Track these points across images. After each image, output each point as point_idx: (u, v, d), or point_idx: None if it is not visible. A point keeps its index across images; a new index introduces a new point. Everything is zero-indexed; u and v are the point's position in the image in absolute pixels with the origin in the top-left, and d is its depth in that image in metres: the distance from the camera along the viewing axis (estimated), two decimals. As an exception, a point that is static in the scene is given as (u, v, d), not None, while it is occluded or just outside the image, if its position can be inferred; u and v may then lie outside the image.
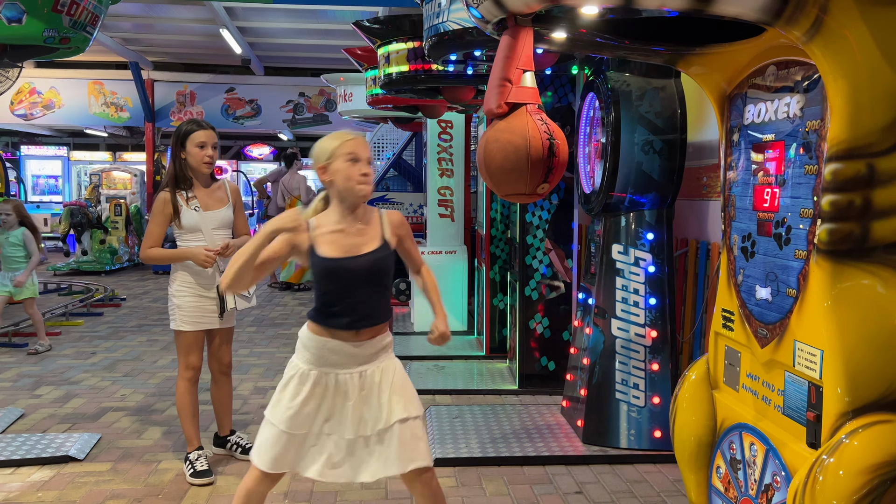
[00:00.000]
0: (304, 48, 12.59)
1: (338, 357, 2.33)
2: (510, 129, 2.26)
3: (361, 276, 2.34)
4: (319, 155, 2.35)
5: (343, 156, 2.31)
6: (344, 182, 2.31)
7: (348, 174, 2.31)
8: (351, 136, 2.35)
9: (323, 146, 2.35)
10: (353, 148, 2.32)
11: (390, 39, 4.70)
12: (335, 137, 2.36)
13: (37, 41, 3.80)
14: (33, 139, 19.34)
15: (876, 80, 1.70)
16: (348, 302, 2.33)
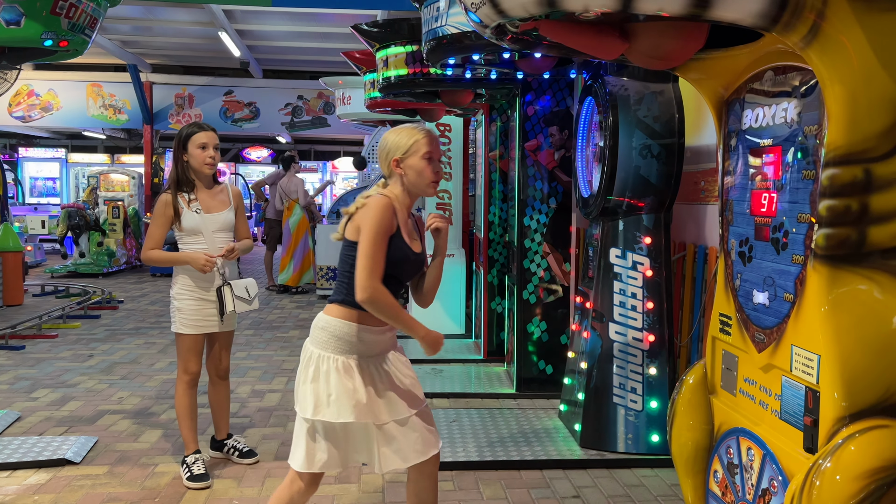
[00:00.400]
0: (303, 51, 12.61)
1: (366, 346, 2.35)
2: (647, 32, 2.08)
3: (413, 273, 2.42)
4: (395, 147, 2.34)
5: (421, 153, 2.32)
6: (417, 179, 2.33)
7: (424, 173, 2.33)
8: (425, 132, 2.36)
9: (400, 139, 2.34)
10: (431, 146, 2.34)
11: (389, 43, 4.70)
12: (412, 133, 2.35)
13: (35, 44, 3.81)
14: (31, 141, 19.33)
15: (873, 86, 1.70)
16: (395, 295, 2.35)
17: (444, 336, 2.36)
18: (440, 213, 2.40)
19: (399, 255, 2.31)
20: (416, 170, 2.33)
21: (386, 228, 2.26)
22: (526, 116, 4.75)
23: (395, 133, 2.37)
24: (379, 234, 2.24)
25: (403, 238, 2.33)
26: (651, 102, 3.63)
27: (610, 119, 3.61)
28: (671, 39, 2.03)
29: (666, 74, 3.62)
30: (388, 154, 2.36)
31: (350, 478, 3.50)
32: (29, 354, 6.01)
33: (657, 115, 3.63)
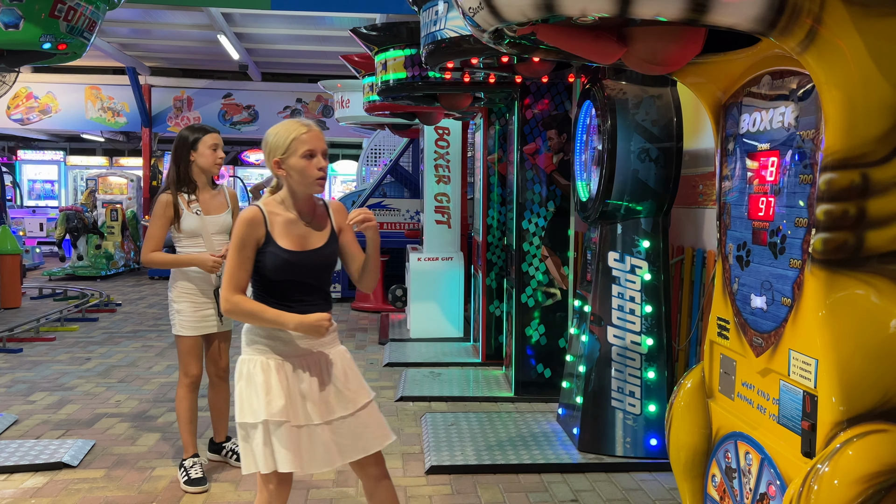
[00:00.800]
0: (302, 54, 12.62)
1: (289, 347, 2.30)
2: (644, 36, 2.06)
3: (313, 270, 2.34)
4: (274, 148, 2.28)
5: (300, 151, 2.25)
6: (301, 179, 2.27)
7: (306, 172, 2.26)
8: (306, 128, 2.28)
9: (277, 139, 2.27)
10: (310, 143, 2.25)
11: (388, 46, 4.71)
12: (289, 129, 2.27)
13: (34, 46, 3.81)
14: (30, 144, 19.31)
15: (870, 91, 1.71)
16: (301, 293, 2.32)
17: (328, 316, 2.26)
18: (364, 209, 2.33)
19: (275, 261, 2.27)
20: (298, 170, 2.26)
21: (243, 243, 2.25)
22: (524, 120, 4.76)
23: (273, 131, 2.30)
24: (236, 249, 2.26)
25: (277, 243, 2.27)
26: (649, 106, 3.64)
27: (608, 123, 3.62)
28: (669, 44, 2.03)
29: (664, 78, 3.63)
30: (269, 155, 2.30)
31: (348, 481, 3.49)
32: (26, 357, 6.00)
33: (655, 119, 3.63)
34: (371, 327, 7.48)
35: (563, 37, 2.06)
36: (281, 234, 2.29)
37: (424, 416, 4.42)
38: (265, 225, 2.28)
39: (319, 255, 2.36)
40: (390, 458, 3.77)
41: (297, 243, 2.31)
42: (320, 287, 2.40)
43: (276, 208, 2.32)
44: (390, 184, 9.25)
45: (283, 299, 2.30)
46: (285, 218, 2.31)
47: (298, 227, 2.33)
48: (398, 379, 5.35)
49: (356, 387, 2.40)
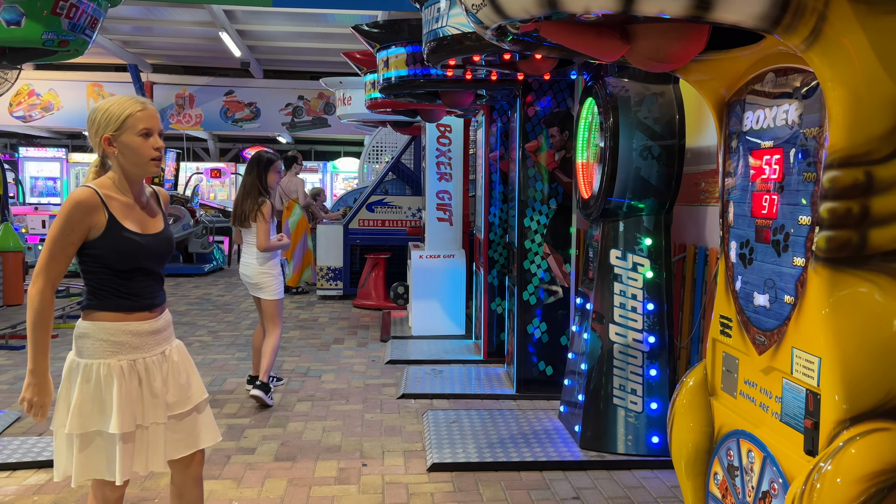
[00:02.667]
0: (304, 51, 12.62)
1: (140, 340, 2.18)
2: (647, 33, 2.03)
3: (158, 256, 2.22)
4: (104, 124, 2.11)
5: (137, 129, 2.11)
6: (135, 158, 2.13)
7: (141, 151, 2.12)
8: (141, 105, 2.14)
9: (109, 114, 2.11)
10: (146, 121, 2.12)
11: (389, 43, 4.70)
12: (123, 105, 2.12)
13: (36, 44, 3.81)
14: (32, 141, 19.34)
15: (874, 88, 1.70)
16: (148, 281, 2.21)
17: (41, 393, 2.13)
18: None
19: (125, 246, 2.12)
20: (133, 148, 2.11)
21: (71, 227, 2.07)
22: (526, 117, 4.75)
23: (104, 106, 2.13)
24: (62, 234, 2.07)
25: (123, 225, 2.13)
26: (652, 104, 3.63)
27: (610, 120, 3.61)
28: (672, 41, 2.03)
29: (667, 76, 3.62)
30: (97, 130, 2.13)
31: (350, 479, 3.50)
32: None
33: (658, 117, 3.63)
34: (373, 325, 7.49)
35: (566, 34, 2.06)
36: (123, 217, 2.14)
37: (426, 414, 4.42)
38: (105, 209, 2.11)
39: (162, 240, 2.25)
40: (392, 456, 3.78)
41: (139, 227, 2.17)
42: (161, 275, 2.28)
43: (111, 191, 2.15)
44: (392, 181, 9.25)
45: (129, 291, 2.16)
46: (123, 201, 2.16)
47: (136, 210, 2.19)
48: (400, 376, 5.35)
49: (195, 382, 2.32)
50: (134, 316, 2.18)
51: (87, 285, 2.19)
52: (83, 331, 2.17)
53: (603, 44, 2.07)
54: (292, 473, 3.54)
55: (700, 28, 2.02)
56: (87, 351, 2.16)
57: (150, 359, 2.20)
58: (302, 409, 4.61)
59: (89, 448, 2.14)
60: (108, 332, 2.15)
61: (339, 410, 4.59)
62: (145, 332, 2.20)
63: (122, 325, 2.16)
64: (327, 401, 4.79)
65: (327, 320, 7.69)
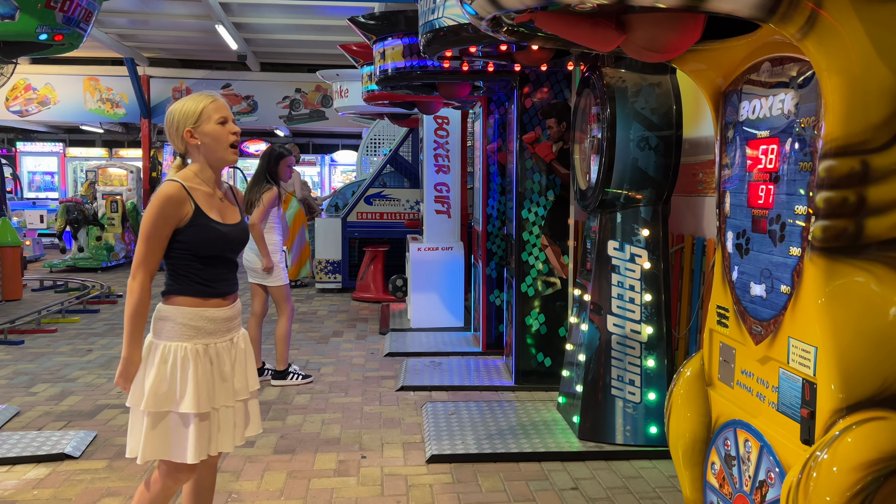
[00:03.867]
0: (300, 44, 12.56)
1: (214, 325, 2.28)
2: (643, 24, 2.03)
3: (237, 245, 2.34)
4: (183, 119, 2.24)
5: (211, 118, 2.23)
6: (215, 145, 2.25)
7: (220, 137, 2.24)
8: (212, 98, 2.27)
9: (185, 110, 2.24)
10: (221, 110, 2.25)
11: (386, 35, 4.69)
12: (197, 100, 2.25)
13: (30, 38, 3.80)
14: (29, 136, 19.28)
15: (870, 77, 1.70)
16: (224, 270, 2.32)
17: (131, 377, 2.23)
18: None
19: (208, 233, 2.24)
20: (213, 135, 2.24)
21: (165, 222, 2.19)
22: (524, 109, 4.74)
23: (178, 106, 2.26)
24: (156, 229, 2.19)
25: (207, 215, 2.24)
26: (649, 94, 3.62)
27: (608, 111, 3.60)
28: (668, 31, 2.02)
29: (664, 66, 3.61)
30: (177, 127, 2.25)
31: (349, 471, 3.51)
32: (28, 349, 6.02)
33: (655, 107, 3.62)
34: (372, 317, 7.49)
35: (561, 24, 2.05)
36: (206, 207, 2.26)
37: (425, 406, 4.43)
38: (191, 200, 2.23)
39: (241, 230, 2.38)
40: (391, 448, 3.79)
41: (220, 217, 2.29)
42: (236, 263, 2.39)
43: (194, 183, 2.27)
44: (390, 174, 9.24)
45: (207, 277, 2.27)
46: (205, 192, 2.28)
47: (216, 201, 2.31)
48: (399, 368, 5.36)
49: (252, 371, 2.42)
50: (210, 302, 2.29)
51: (170, 271, 2.30)
52: (164, 314, 2.27)
53: (598, 34, 2.06)
54: (291, 466, 3.55)
55: (695, 18, 2.01)
56: (167, 333, 2.25)
57: (220, 344, 2.30)
58: (301, 401, 4.62)
59: (158, 427, 2.22)
60: (186, 316, 2.25)
61: (339, 403, 4.60)
62: (220, 318, 2.30)
63: (199, 310, 2.26)
64: (326, 393, 4.80)
65: (326, 313, 7.70)
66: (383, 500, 3.20)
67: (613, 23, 2.05)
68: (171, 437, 2.22)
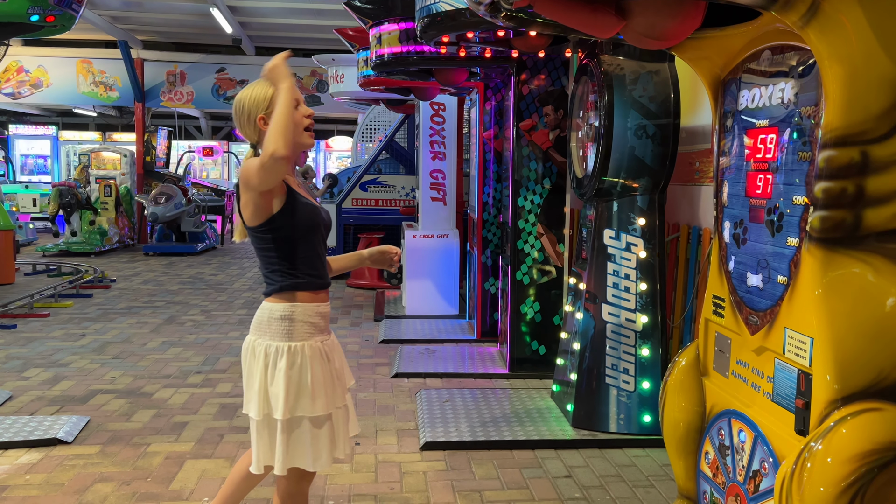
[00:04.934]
0: (296, 28, 12.47)
1: (325, 321, 2.20)
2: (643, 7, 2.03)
3: (328, 223, 2.25)
4: (254, 106, 2.13)
5: None
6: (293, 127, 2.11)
7: (296, 120, 2.11)
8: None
9: (255, 97, 2.13)
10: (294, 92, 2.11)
11: (382, 20, 4.64)
12: (264, 87, 2.13)
13: (21, 19, 3.75)
14: (22, 118, 19.13)
15: (871, 67, 1.68)
16: (323, 256, 2.23)
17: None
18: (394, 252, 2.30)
19: (306, 211, 2.14)
20: None
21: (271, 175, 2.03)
22: (521, 95, 4.71)
23: (248, 92, 2.15)
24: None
25: (298, 192, 2.16)
26: (647, 82, 3.60)
27: (605, 99, 3.58)
28: (667, 18, 2.00)
29: (662, 54, 3.59)
30: (249, 115, 2.14)
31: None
32: (20, 333, 5.99)
33: (653, 96, 3.60)
34: (366, 304, 7.49)
35: (560, 10, 2.03)
36: (296, 185, 2.18)
37: (419, 393, 4.43)
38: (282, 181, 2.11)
39: (325, 213, 2.27)
40: (385, 435, 3.79)
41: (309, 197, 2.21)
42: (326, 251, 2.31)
43: None
44: (385, 160, 9.20)
45: (316, 266, 2.18)
46: (287, 178, 2.17)
47: (298, 186, 2.21)
48: (393, 356, 5.36)
49: (347, 366, 2.37)
50: (320, 296, 2.21)
51: (275, 267, 2.16)
52: (279, 312, 2.14)
53: (598, 20, 2.04)
54: (285, 452, 3.55)
55: (696, 4, 1.99)
56: (287, 333, 2.13)
57: (328, 341, 2.23)
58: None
59: (294, 434, 2.12)
60: (305, 313, 2.15)
61: (333, 389, 4.59)
62: (327, 313, 2.24)
63: (314, 305, 2.17)
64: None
65: (320, 300, 7.68)
66: (377, 486, 3.20)
67: (613, 9, 2.03)
68: (307, 443, 2.12)
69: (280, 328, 2.13)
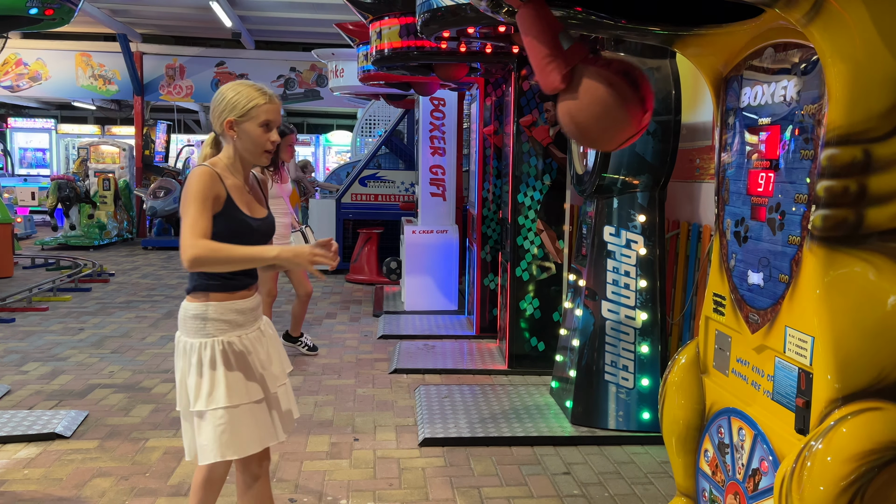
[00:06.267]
0: (296, 22, 12.43)
1: (244, 317, 2.24)
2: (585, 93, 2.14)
3: (263, 238, 2.26)
4: (230, 107, 2.16)
5: (259, 119, 2.16)
6: (252, 147, 2.18)
7: (259, 141, 2.17)
8: (268, 97, 2.19)
9: (237, 99, 2.16)
10: (270, 114, 2.18)
11: (382, 14, 4.62)
12: (252, 94, 2.16)
13: (20, 11, 3.73)
14: (20, 111, 19.08)
15: (875, 65, 1.67)
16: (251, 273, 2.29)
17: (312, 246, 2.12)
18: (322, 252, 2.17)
19: (237, 225, 2.17)
20: (252, 137, 2.17)
21: (205, 196, 2.09)
22: (521, 91, 4.70)
23: (233, 90, 2.18)
24: (198, 199, 2.08)
25: (237, 206, 2.18)
26: (648, 79, 3.58)
27: (606, 95, 3.56)
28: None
29: (663, 50, 3.58)
30: (221, 112, 2.17)
31: (341, 453, 3.51)
32: (19, 327, 5.98)
33: (654, 92, 3.58)
34: (365, 299, 7.48)
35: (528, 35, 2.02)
36: (236, 197, 2.19)
37: (418, 389, 4.43)
38: (223, 184, 2.16)
39: (269, 224, 2.31)
40: (384, 431, 3.79)
41: (248, 210, 2.23)
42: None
43: (224, 171, 2.19)
44: (385, 155, 9.18)
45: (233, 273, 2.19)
46: (234, 182, 2.20)
47: (245, 194, 2.24)
48: (392, 351, 5.35)
49: (284, 354, 2.41)
50: (239, 294, 2.23)
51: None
52: (194, 311, 2.18)
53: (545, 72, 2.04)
54: (284, 448, 3.55)
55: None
56: (200, 330, 2.18)
57: (251, 334, 2.26)
58: (293, 383, 4.59)
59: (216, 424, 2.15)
60: (219, 311, 2.19)
61: (331, 385, 4.59)
62: (248, 308, 2.25)
63: (228, 304, 2.20)
64: (319, 375, 4.79)
65: (319, 295, 7.68)
66: (375, 482, 3.20)
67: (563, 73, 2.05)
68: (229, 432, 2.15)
69: (193, 326, 2.19)
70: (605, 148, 2.37)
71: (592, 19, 2.21)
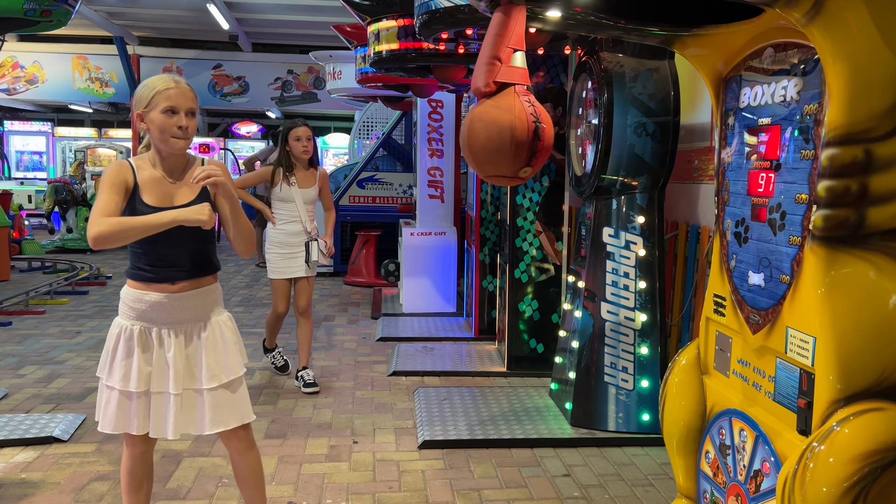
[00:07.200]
0: (293, 24, 12.44)
1: (157, 312, 2.27)
2: (496, 108, 2.22)
3: (175, 231, 2.22)
4: (138, 101, 2.25)
5: (161, 106, 2.19)
6: (160, 136, 2.22)
7: (164, 127, 2.20)
8: (172, 83, 2.21)
9: (142, 91, 2.23)
10: (171, 100, 2.19)
11: (380, 16, 4.62)
12: (154, 83, 2.22)
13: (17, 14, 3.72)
14: (17, 114, 19.05)
15: (875, 64, 1.67)
16: (165, 253, 2.27)
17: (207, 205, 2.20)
18: (209, 166, 2.21)
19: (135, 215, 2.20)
20: (157, 125, 2.20)
21: (112, 180, 2.19)
22: (519, 93, 4.68)
23: (141, 85, 2.26)
24: (104, 185, 2.19)
25: (141, 197, 2.23)
26: (647, 79, 3.58)
27: (605, 96, 3.56)
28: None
29: (662, 51, 3.58)
30: (134, 107, 2.27)
31: (341, 456, 3.49)
32: (16, 331, 5.96)
33: (653, 93, 3.58)
34: (364, 302, 7.47)
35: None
36: (145, 188, 2.24)
37: (417, 391, 4.42)
38: (133, 176, 2.23)
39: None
40: (383, 433, 3.78)
41: (159, 200, 2.25)
42: (196, 250, 2.31)
43: (143, 163, 2.28)
44: (382, 157, 9.17)
45: (147, 262, 2.26)
46: (151, 174, 2.26)
47: (163, 185, 2.27)
48: (391, 354, 5.34)
49: (226, 361, 2.35)
50: (152, 287, 2.29)
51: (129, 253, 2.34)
52: (121, 292, 2.35)
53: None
54: (283, 451, 3.54)
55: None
56: (120, 310, 2.34)
57: (166, 329, 2.30)
58: (292, 386, 4.60)
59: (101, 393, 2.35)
60: (129, 296, 2.31)
61: (330, 388, 4.58)
62: (164, 304, 2.28)
63: (136, 293, 2.30)
64: (318, 378, 4.77)
65: (318, 297, 7.66)
66: (375, 485, 3.19)
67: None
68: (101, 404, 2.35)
69: (119, 304, 2.35)
70: (476, 168, 2.42)
71: (592, 19, 2.20)
